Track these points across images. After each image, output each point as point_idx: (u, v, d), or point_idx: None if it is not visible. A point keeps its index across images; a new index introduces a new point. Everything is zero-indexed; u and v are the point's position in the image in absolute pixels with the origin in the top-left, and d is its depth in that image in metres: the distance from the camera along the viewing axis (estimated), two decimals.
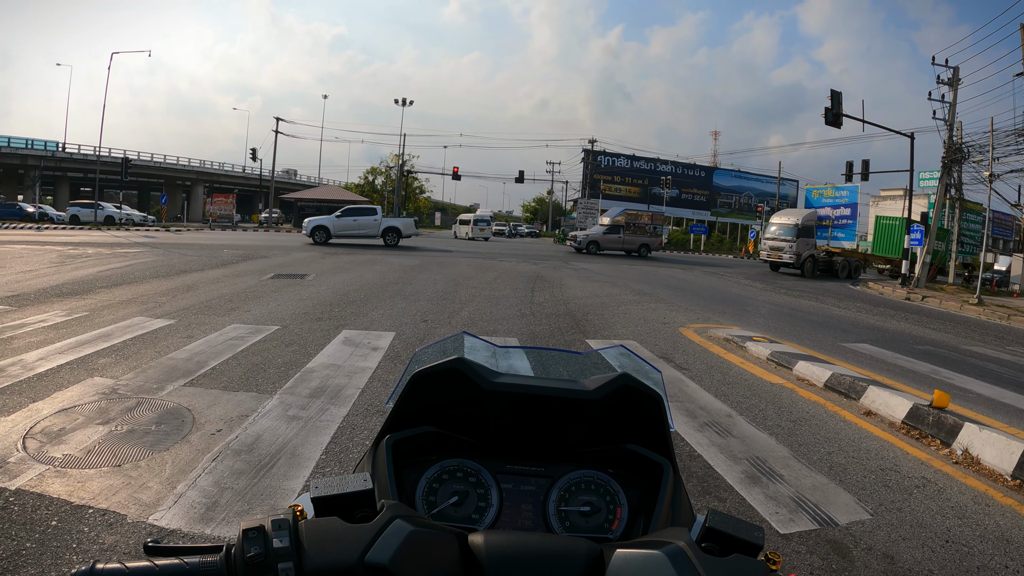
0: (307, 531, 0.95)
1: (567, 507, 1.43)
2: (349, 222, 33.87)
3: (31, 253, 21.32)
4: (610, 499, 1.44)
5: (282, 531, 0.93)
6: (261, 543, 0.91)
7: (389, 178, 78.12)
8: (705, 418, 6.50)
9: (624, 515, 1.43)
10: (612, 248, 42.57)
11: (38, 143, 68.35)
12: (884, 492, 4.97)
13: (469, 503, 1.42)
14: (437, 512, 1.39)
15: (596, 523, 1.41)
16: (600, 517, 1.42)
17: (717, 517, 1.04)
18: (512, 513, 1.44)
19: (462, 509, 1.41)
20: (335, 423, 5.68)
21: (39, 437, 5.00)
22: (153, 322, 9.81)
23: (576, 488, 1.45)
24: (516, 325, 11.26)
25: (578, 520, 1.41)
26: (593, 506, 1.43)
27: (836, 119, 30.25)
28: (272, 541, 0.91)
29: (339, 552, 0.92)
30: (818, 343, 11.50)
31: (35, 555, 3.34)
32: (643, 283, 20.85)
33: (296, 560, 0.90)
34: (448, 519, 1.39)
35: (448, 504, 1.40)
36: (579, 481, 1.46)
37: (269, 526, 0.93)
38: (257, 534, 0.92)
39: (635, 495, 1.45)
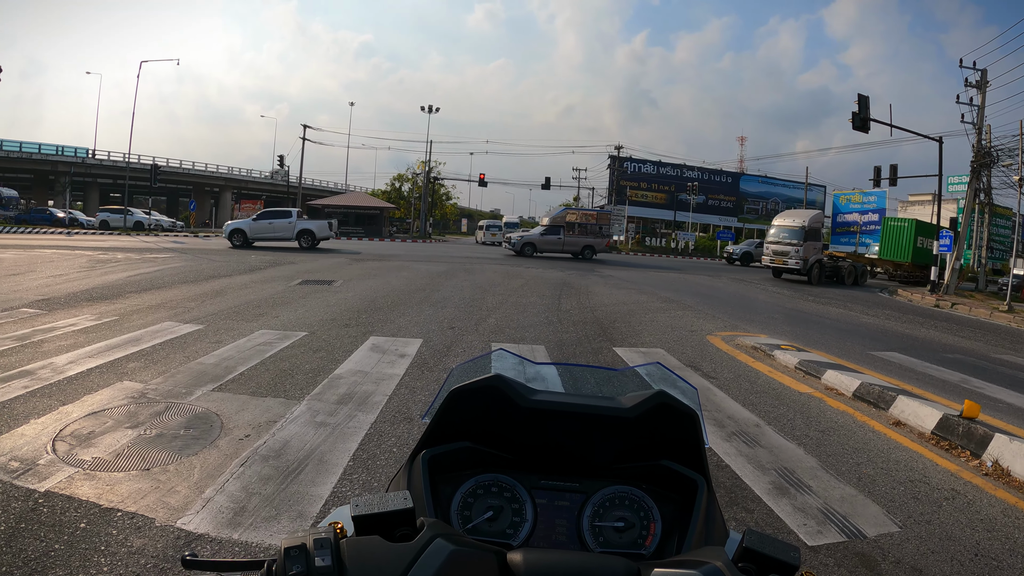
0: (349, 550, 0.94)
1: (601, 523, 1.43)
2: (265, 225, 33.54)
3: (61, 258, 21.58)
4: (644, 515, 1.45)
5: (324, 550, 0.92)
6: (303, 562, 0.91)
7: (416, 185, 78.36)
8: (733, 428, 6.43)
9: (658, 531, 1.43)
10: (551, 250, 39.64)
11: (68, 150, 69.40)
12: (913, 504, 4.89)
13: (504, 518, 1.42)
14: (472, 527, 1.40)
15: (630, 539, 1.42)
16: (634, 533, 1.43)
17: (754, 536, 1.03)
18: (546, 528, 1.44)
19: (496, 524, 1.42)
20: (362, 430, 5.66)
21: (69, 440, 5.03)
22: (182, 327, 9.87)
23: (610, 504, 1.46)
24: (543, 332, 11.22)
25: (612, 536, 1.42)
26: (627, 522, 1.43)
27: (864, 124, 30.01)
28: (314, 560, 0.91)
29: (380, 572, 0.92)
30: (846, 351, 11.38)
31: (63, 557, 3.35)
32: (670, 290, 20.74)
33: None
34: (482, 534, 1.39)
35: (483, 519, 1.41)
36: (613, 497, 1.46)
37: (311, 544, 0.93)
38: (299, 552, 0.92)
39: (669, 511, 1.45)
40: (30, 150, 67.50)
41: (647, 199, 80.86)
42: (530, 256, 38.12)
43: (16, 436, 5.09)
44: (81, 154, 69.99)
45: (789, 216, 35.99)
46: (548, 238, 39.39)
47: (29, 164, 68.22)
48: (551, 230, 39.95)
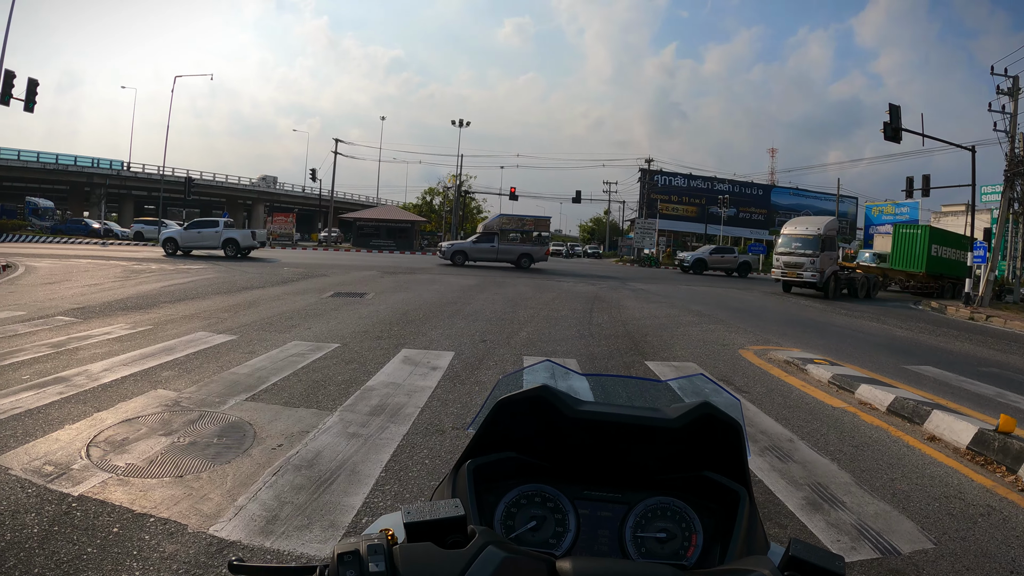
0: (402, 556, 0.94)
1: (643, 533, 1.44)
2: (194, 234, 34.27)
3: (96, 268, 21.90)
4: (686, 526, 1.45)
5: (377, 555, 0.92)
6: (356, 567, 0.91)
7: (447, 198, 78.74)
8: (766, 442, 6.35)
9: (699, 542, 1.42)
10: (484, 258, 37.36)
11: (104, 162, 70.58)
12: (948, 520, 4.79)
13: (547, 528, 1.43)
14: (515, 536, 1.40)
15: (672, 550, 1.42)
16: (676, 544, 1.42)
17: (799, 546, 1.03)
18: (588, 538, 1.45)
19: (539, 534, 1.42)
20: (395, 441, 5.65)
21: (103, 446, 5.06)
22: (215, 337, 9.95)
23: (652, 514, 1.46)
24: (575, 346, 11.17)
25: (654, 546, 1.42)
26: (669, 532, 1.42)
27: (896, 134, 29.70)
28: (368, 565, 0.91)
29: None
30: (880, 365, 11.22)
31: (96, 560, 3.35)
32: (702, 304, 20.62)
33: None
34: (526, 543, 1.39)
35: (526, 528, 1.41)
36: (655, 507, 1.47)
37: (364, 550, 0.93)
38: (352, 558, 0.92)
39: (710, 522, 1.45)
40: (66, 162, 68.67)
41: (678, 212, 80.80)
42: (462, 265, 36.35)
43: (51, 441, 5.14)
44: (116, 166, 71.14)
45: (801, 224, 32.65)
46: (480, 246, 37.57)
47: (65, 176, 69.41)
48: (484, 237, 38.19)
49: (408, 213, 74.20)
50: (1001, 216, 33.20)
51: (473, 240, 38.40)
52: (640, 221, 72.11)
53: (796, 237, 30.67)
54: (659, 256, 63.14)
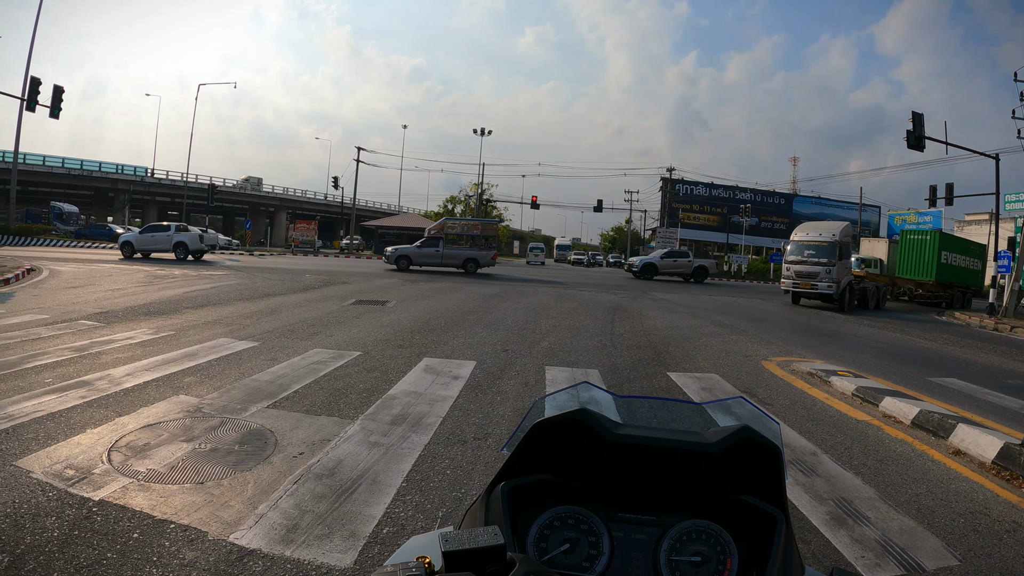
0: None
1: (678, 557, 1.43)
2: (148, 238, 34.90)
3: (120, 273, 22.07)
4: (721, 550, 1.43)
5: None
6: None
7: (468, 207, 78.86)
8: (789, 456, 6.25)
9: (734, 566, 1.41)
10: (428, 263, 36.57)
11: (128, 168, 71.42)
12: (973, 537, 4.70)
13: (580, 550, 1.42)
14: (548, 559, 1.39)
15: (706, 573, 1.41)
16: (710, 568, 1.41)
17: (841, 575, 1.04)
18: (622, 562, 1.44)
19: (573, 556, 1.41)
20: (416, 451, 5.62)
21: (124, 451, 5.07)
22: (237, 344, 9.97)
23: (687, 538, 1.45)
24: (596, 356, 11.11)
25: (688, 570, 1.41)
26: (704, 556, 1.41)
27: (919, 142, 29.50)
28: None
29: None
30: (904, 377, 11.09)
31: (115, 566, 3.35)
32: (724, 314, 20.51)
33: None
34: (559, 566, 1.39)
35: (560, 551, 1.40)
36: (691, 531, 1.46)
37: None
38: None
39: (745, 547, 1.43)
40: (91, 168, 69.44)
41: (699, 221, 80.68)
42: (407, 270, 35.48)
43: (72, 445, 5.15)
44: (140, 173, 71.87)
45: (815, 229, 29.50)
46: (425, 251, 36.62)
47: (90, 181, 70.22)
48: (428, 242, 37.28)
49: (429, 221, 74.21)
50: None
51: (418, 245, 37.56)
52: (662, 230, 72.07)
53: (809, 244, 28.03)
54: None
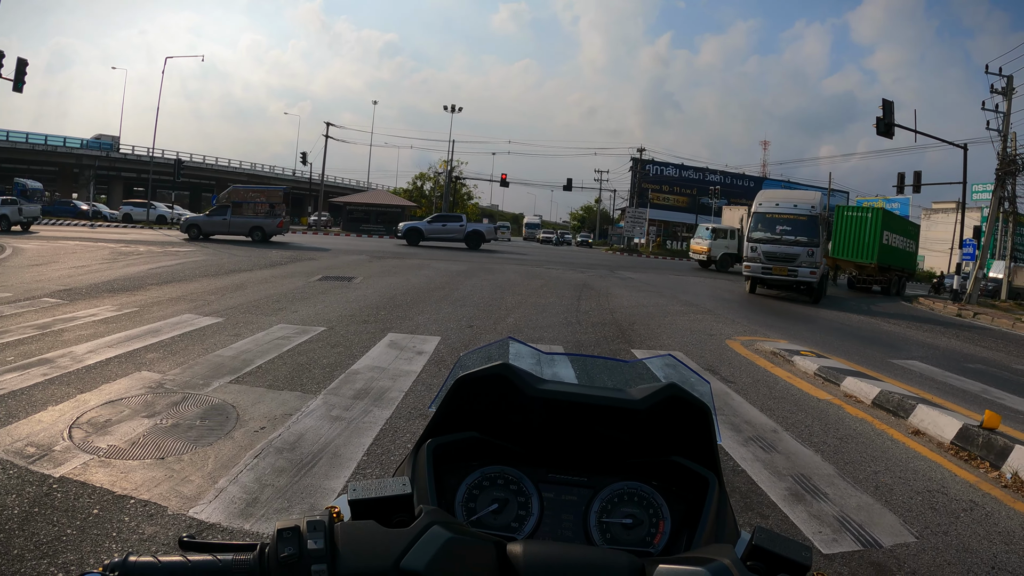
0: (342, 534, 0.93)
1: (609, 519, 1.39)
2: None
3: (84, 249, 21.80)
4: (653, 512, 1.40)
5: (317, 532, 0.91)
6: (296, 544, 0.89)
7: (438, 184, 78.47)
8: (750, 432, 6.38)
9: (667, 529, 1.38)
10: (217, 231, 35.10)
11: (93, 143, 69.99)
12: (930, 515, 4.83)
13: (509, 511, 1.39)
14: (476, 519, 1.37)
15: (638, 536, 1.38)
16: (642, 530, 1.38)
17: (764, 535, 1.01)
18: (552, 523, 1.41)
19: (502, 517, 1.38)
20: (378, 425, 5.66)
21: (85, 427, 5.07)
22: (201, 320, 9.94)
23: (619, 500, 1.41)
24: (561, 333, 11.20)
25: (620, 532, 1.38)
26: (635, 519, 1.39)
27: (888, 129, 29.69)
28: (307, 542, 0.90)
29: (374, 556, 0.90)
30: (867, 359, 11.26)
31: (75, 542, 3.37)
32: (690, 294, 20.68)
33: (330, 563, 0.89)
34: (487, 526, 1.37)
35: (488, 511, 1.38)
36: (622, 493, 1.42)
37: (304, 527, 0.91)
38: (292, 534, 0.90)
39: (679, 509, 1.41)
40: (55, 143, 68.20)
41: (669, 202, 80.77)
42: (197, 239, 33.77)
43: (33, 422, 5.14)
44: (106, 148, 70.65)
45: (785, 199, 24.18)
46: (214, 219, 35.49)
47: (54, 157, 68.91)
48: (217, 211, 36.25)
49: (398, 198, 73.90)
50: (991, 214, 33.32)
51: (207, 213, 37.27)
52: (631, 210, 72.00)
53: (782, 218, 23.02)
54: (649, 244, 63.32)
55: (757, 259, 22.76)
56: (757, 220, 23.38)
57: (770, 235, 22.80)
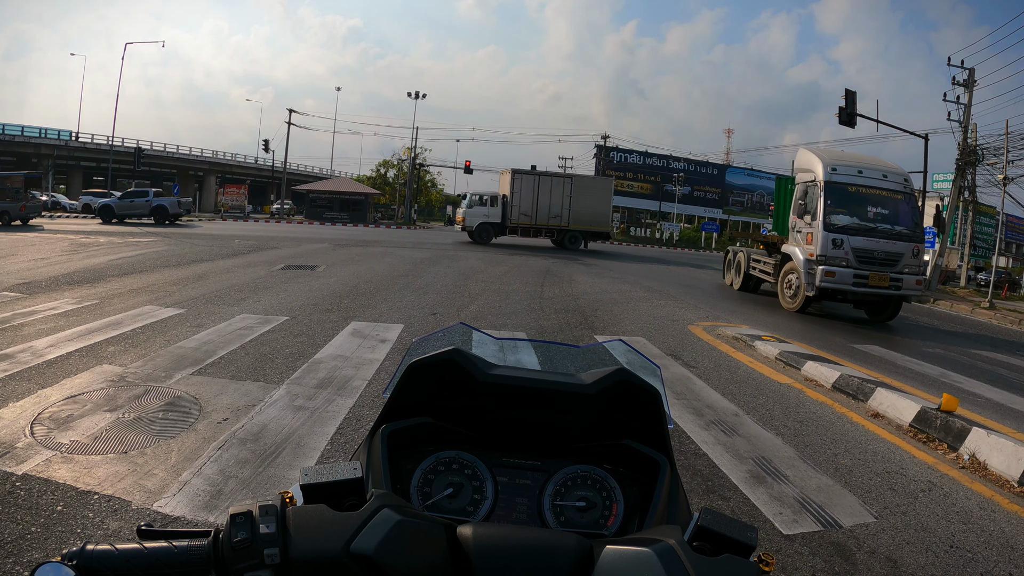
0: (294, 518, 0.94)
1: (562, 502, 1.41)
2: None
3: (43, 241, 21.45)
4: (606, 495, 1.42)
5: (269, 517, 0.92)
6: (248, 528, 0.91)
7: (401, 171, 77.95)
8: (711, 416, 6.48)
9: (620, 512, 1.40)
10: None
11: (52, 132, 68.63)
12: (889, 495, 4.95)
13: (464, 495, 1.40)
14: (431, 504, 1.38)
15: (591, 519, 1.39)
16: (596, 513, 1.40)
17: (709, 516, 1.03)
18: (507, 507, 1.42)
19: (457, 501, 1.40)
20: (341, 414, 5.69)
21: (47, 423, 5.04)
22: (163, 311, 9.86)
23: (572, 483, 1.43)
24: (525, 319, 11.28)
25: (573, 515, 1.39)
26: (589, 502, 1.41)
27: (850, 119, 29.89)
28: (259, 527, 0.91)
29: (325, 540, 0.92)
30: (827, 343, 11.44)
31: (39, 539, 3.37)
32: (654, 280, 20.77)
33: (282, 546, 0.90)
34: (442, 511, 1.37)
35: (442, 496, 1.39)
36: (575, 476, 1.44)
37: (256, 512, 0.93)
38: (244, 519, 0.92)
39: (633, 492, 1.43)
40: (12, 132, 66.74)
41: (633, 189, 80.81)
42: None
43: None
44: (64, 137, 69.29)
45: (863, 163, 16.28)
46: None
47: (11, 147, 67.30)
48: None
49: (362, 185, 73.24)
50: (951, 203, 34.08)
51: None
52: None
53: (875, 196, 15.58)
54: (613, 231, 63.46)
55: (844, 260, 14.92)
56: (833, 194, 15.29)
57: (861, 222, 15.22)
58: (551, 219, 36.20)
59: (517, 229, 36.31)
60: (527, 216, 36.05)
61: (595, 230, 37.90)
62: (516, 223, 35.97)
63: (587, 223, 37.06)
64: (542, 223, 36.29)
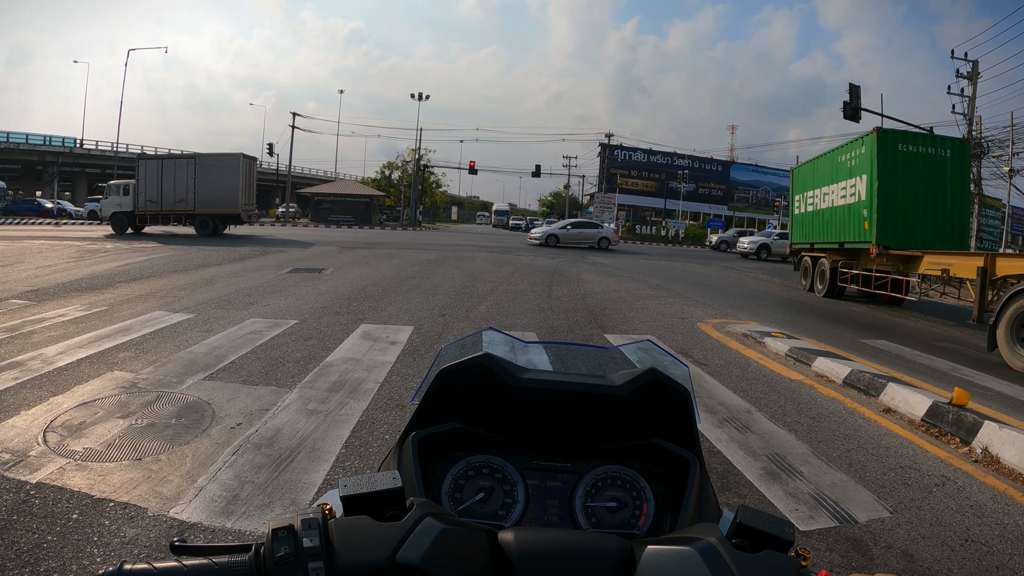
0: (337, 530, 0.92)
1: (593, 503, 1.41)
2: None
3: (50, 248, 21.50)
4: (636, 495, 1.42)
5: (312, 530, 0.90)
6: (291, 542, 0.89)
7: (406, 172, 78.15)
8: (724, 414, 6.46)
9: (651, 511, 1.40)
10: None
11: (56, 139, 69.03)
12: (903, 490, 4.91)
13: (495, 499, 1.40)
14: (463, 509, 1.38)
15: (622, 519, 1.39)
16: (627, 513, 1.40)
17: (747, 513, 1.01)
18: (538, 509, 1.42)
19: (488, 506, 1.39)
20: (355, 417, 5.67)
21: (60, 431, 5.02)
22: (172, 316, 9.86)
23: (602, 484, 1.43)
24: (534, 319, 11.26)
25: (604, 516, 1.39)
26: (620, 502, 1.40)
27: (854, 113, 29.89)
28: (302, 540, 0.89)
29: (370, 551, 0.90)
30: (837, 339, 11.40)
31: (56, 548, 3.34)
32: (661, 278, 20.77)
33: (326, 559, 0.88)
34: (474, 516, 1.37)
35: (474, 501, 1.39)
36: (605, 477, 1.44)
37: (299, 525, 0.91)
38: (287, 533, 0.90)
39: (662, 491, 1.42)
40: (17, 140, 67.08)
41: (637, 187, 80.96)
42: None
43: (7, 428, 5.08)
44: (69, 144, 69.64)
45: None
46: None
47: (16, 155, 67.78)
48: None
49: (366, 188, 73.49)
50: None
51: None
52: (599, 196, 72.27)
53: None
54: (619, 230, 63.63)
55: None
56: None
57: None
58: (177, 204, 34.03)
59: (146, 217, 34.39)
60: (153, 203, 33.97)
61: (224, 212, 34.72)
62: (144, 211, 34.02)
63: (216, 205, 34.33)
64: (168, 208, 34.17)
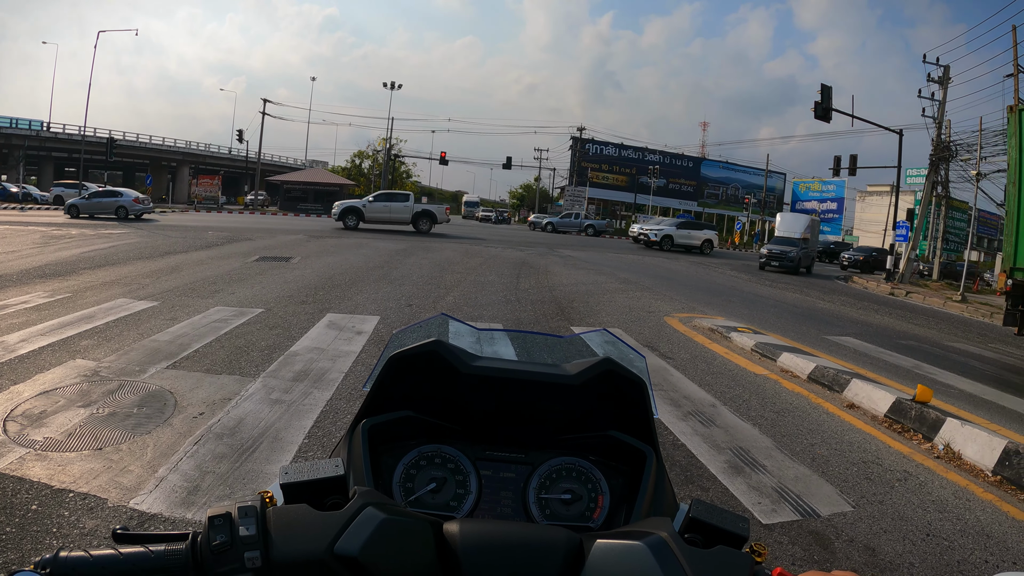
0: (275, 518, 0.91)
1: (547, 495, 1.39)
2: None
3: (14, 234, 21.16)
4: (592, 487, 1.41)
5: (249, 518, 0.89)
6: (227, 531, 0.88)
7: (376, 162, 77.72)
8: (689, 407, 6.51)
9: (606, 503, 1.40)
10: None
11: (23, 122, 67.69)
12: (866, 485, 5.00)
13: (447, 490, 1.39)
14: (414, 499, 1.36)
15: (577, 511, 1.39)
16: (581, 505, 1.39)
17: (701, 507, 1.01)
18: (491, 500, 1.40)
19: (440, 496, 1.38)
20: (318, 407, 5.66)
21: (20, 420, 4.96)
22: (136, 304, 9.76)
23: (557, 475, 1.42)
24: (501, 311, 11.28)
25: (559, 508, 1.39)
26: (574, 494, 1.39)
27: (825, 113, 30.25)
28: (238, 529, 0.88)
29: (308, 541, 0.89)
30: (802, 335, 11.53)
31: (15, 540, 3.32)
32: (629, 272, 20.85)
33: (263, 549, 0.87)
34: (426, 506, 1.36)
35: (426, 491, 1.37)
36: (560, 468, 1.42)
37: (235, 513, 0.90)
38: (223, 521, 0.89)
39: (618, 483, 1.41)
40: None
41: (608, 181, 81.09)
42: None
43: None
44: (36, 127, 68.37)
45: None
46: None
47: None
48: None
49: (337, 176, 72.93)
50: (924, 198, 34.63)
51: None
52: (570, 189, 72.40)
53: None
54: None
55: None
56: None
57: None
58: None
59: None
60: None
61: None
62: None
63: None
64: None
